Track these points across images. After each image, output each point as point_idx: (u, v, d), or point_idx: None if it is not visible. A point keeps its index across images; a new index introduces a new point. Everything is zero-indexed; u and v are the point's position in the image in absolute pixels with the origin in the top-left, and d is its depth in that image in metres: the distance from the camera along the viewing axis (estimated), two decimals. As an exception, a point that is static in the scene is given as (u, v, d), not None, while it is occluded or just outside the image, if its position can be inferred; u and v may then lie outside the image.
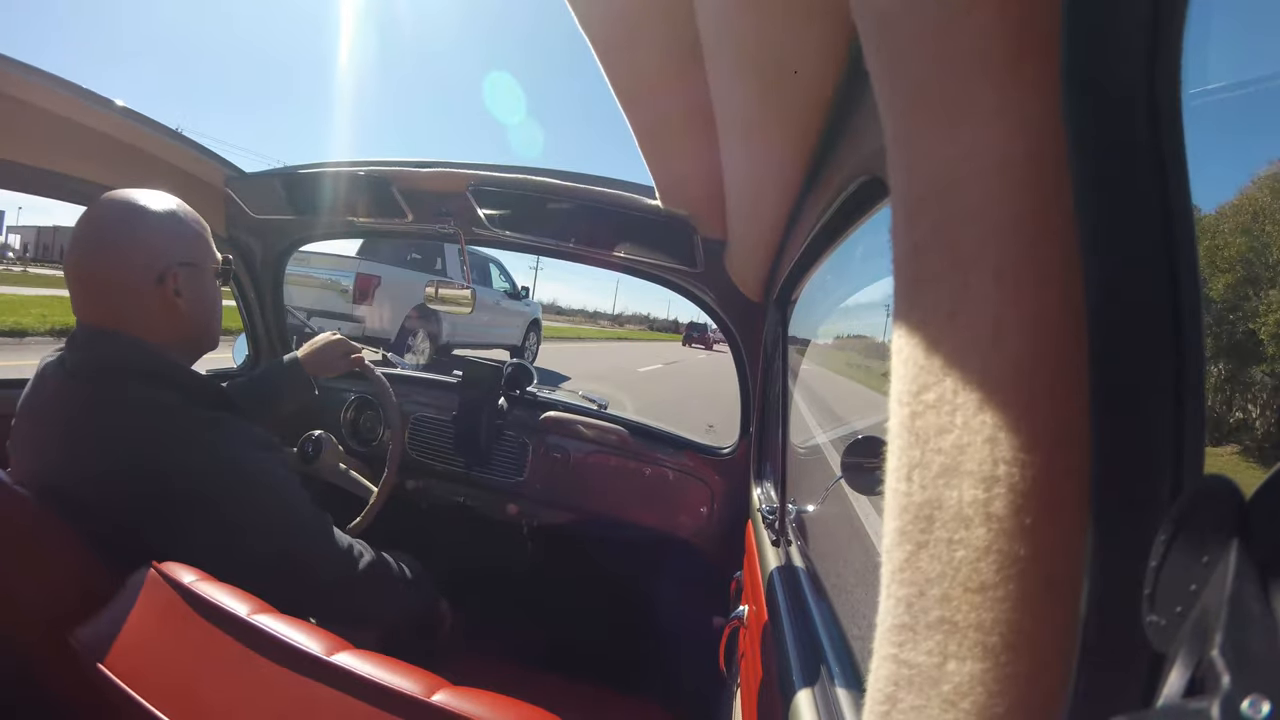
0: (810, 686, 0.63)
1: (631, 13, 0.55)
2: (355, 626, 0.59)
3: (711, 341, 29.15)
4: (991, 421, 0.23)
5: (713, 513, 1.50)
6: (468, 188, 1.27)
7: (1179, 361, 0.21)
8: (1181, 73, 0.21)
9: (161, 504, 0.70)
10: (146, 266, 0.77)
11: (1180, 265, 0.21)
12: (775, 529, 1.05)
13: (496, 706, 0.47)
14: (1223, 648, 0.14)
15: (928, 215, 0.27)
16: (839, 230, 0.68)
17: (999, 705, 0.22)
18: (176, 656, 0.56)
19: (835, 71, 0.49)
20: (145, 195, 0.79)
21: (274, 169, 1.44)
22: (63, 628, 0.60)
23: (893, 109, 0.30)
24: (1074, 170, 0.22)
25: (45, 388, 0.78)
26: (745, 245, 1.09)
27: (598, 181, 1.21)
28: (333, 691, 0.49)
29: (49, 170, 1.08)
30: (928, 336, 0.26)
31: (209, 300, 0.85)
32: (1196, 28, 0.21)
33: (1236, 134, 0.29)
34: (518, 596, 1.62)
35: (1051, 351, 0.22)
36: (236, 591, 0.59)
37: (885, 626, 0.27)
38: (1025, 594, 0.22)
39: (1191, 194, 0.21)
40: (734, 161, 0.77)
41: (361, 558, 0.87)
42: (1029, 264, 0.23)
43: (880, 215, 0.58)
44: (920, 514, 0.25)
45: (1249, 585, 0.15)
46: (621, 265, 1.46)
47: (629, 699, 1.23)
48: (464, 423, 1.55)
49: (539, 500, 1.57)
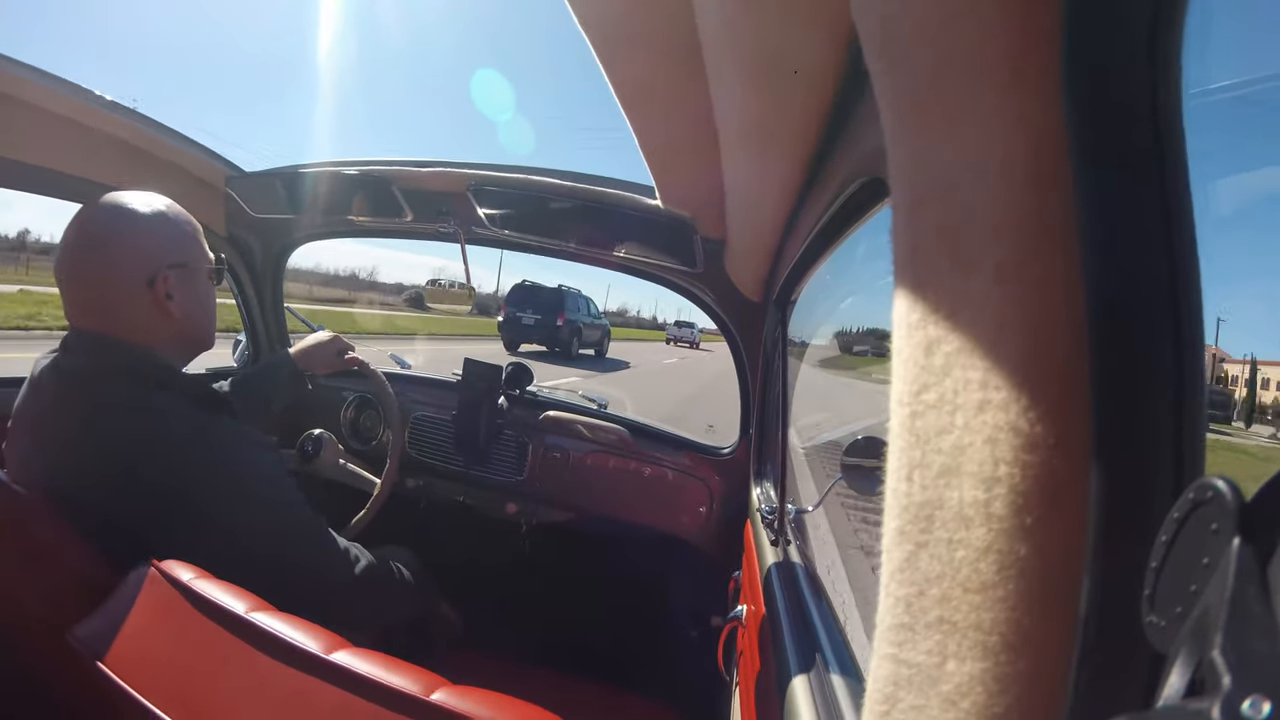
0: (809, 686, 0.63)
1: (631, 13, 0.55)
2: (354, 630, 0.59)
3: (696, 341, 28.94)
4: (992, 422, 0.23)
5: (712, 512, 1.50)
6: (468, 187, 1.27)
7: (1179, 361, 0.21)
8: (1182, 73, 0.21)
9: (156, 507, 0.70)
10: (136, 270, 0.76)
11: (1181, 265, 0.21)
12: (774, 529, 1.05)
13: (495, 705, 0.47)
14: (1223, 648, 0.14)
15: (928, 215, 0.27)
16: (839, 230, 0.68)
17: (999, 705, 0.22)
18: (176, 654, 0.56)
19: (835, 72, 0.49)
20: (135, 198, 0.79)
21: (274, 168, 1.43)
22: (62, 626, 0.60)
23: (893, 109, 0.30)
24: (1074, 170, 0.22)
25: (40, 391, 0.78)
26: (745, 245, 1.09)
27: (598, 181, 1.21)
28: (332, 689, 0.49)
29: (49, 169, 1.08)
30: (928, 337, 0.26)
31: (202, 302, 0.84)
32: (1197, 28, 0.21)
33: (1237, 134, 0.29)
34: (516, 595, 1.62)
35: (1051, 351, 0.22)
36: (235, 589, 0.59)
37: (885, 626, 0.27)
38: (1025, 594, 0.22)
39: (1192, 194, 0.21)
40: (734, 161, 0.77)
41: (358, 561, 0.87)
42: (1029, 264, 0.23)
43: (880, 216, 0.58)
44: (920, 514, 0.25)
45: (1249, 586, 0.15)
46: (621, 265, 1.46)
47: (628, 697, 1.23)
48: (464, 422, 1.55)
49: (538, 499, 1.57)
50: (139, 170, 1.20)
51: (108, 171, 1.15)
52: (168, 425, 0.73)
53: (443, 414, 1.61)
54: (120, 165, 1.18)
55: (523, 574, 1.63)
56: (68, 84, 1.01)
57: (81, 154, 1.11)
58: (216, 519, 0.73)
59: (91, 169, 1.13)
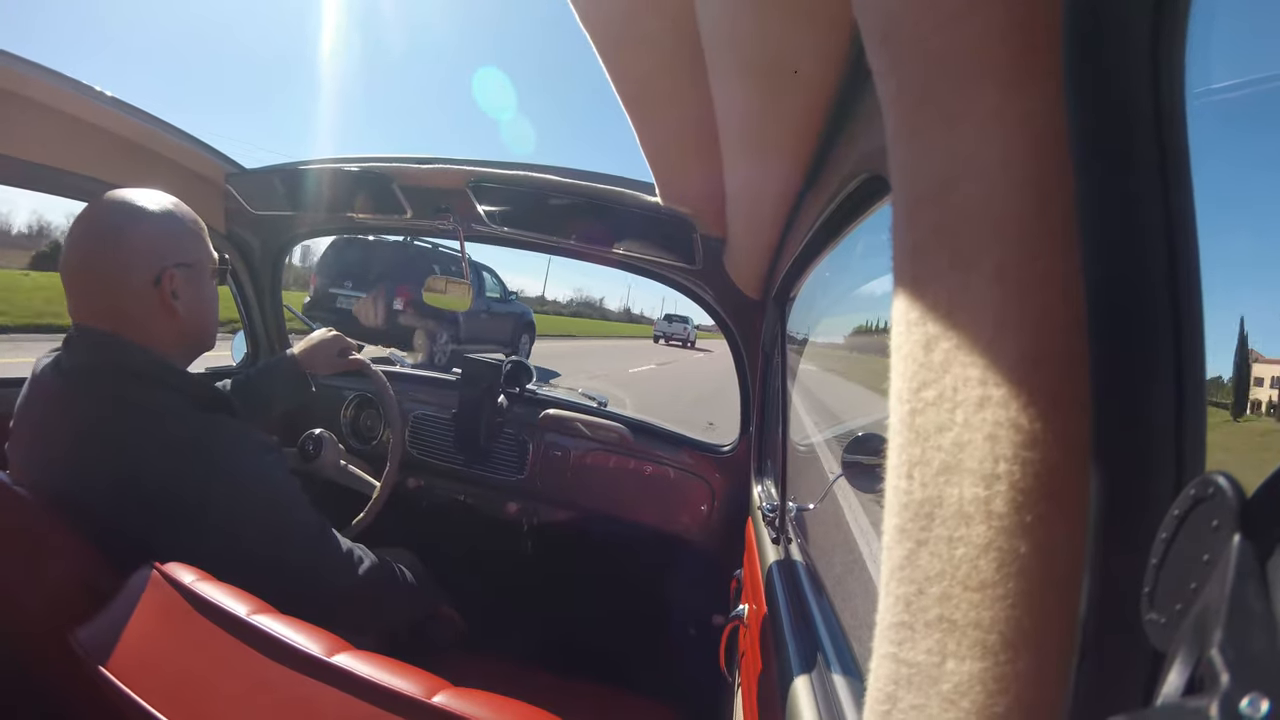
0: (811, 685, 0.64)
1: (633, 12, 0.55)
2: (357, 633, 0.59)
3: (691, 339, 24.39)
4: (992, 419, 0.23)
5: (713, 511, 1.50)
6: (468, 184, 1.27)
7: (1179, 359, 0.21)
8: (1184, 72, 0.21)
9: (158, 507, 0.70)
10: (142, 268, 0.76)
11: (1181, 264, 0.21)
12: (775, 526, 1.05)
13: (497, 708, 0.47)
14: (1222, 646, 0.14)
15: (928, 214, 0.27)
16: (839, 228, 0.68)
17: (998, 704, 0.22)
18: (177, 657, 0.56)
19: (836, 70, 0.49)
20: (141, 195, 0.79)
21: (274, 165, 1.43)
22: (63, 629, 0.59)
23: (894, 108, 0.30)
24: (1075, 169, 0.22)
25: (42, 390, 0.77)
26: (745, 243, 1.09)
27: (598, 178, 1.21)
28: (334, 692, 0.49)
29: (49, 166, 1.08)
30: (928, 334, 0.26)
31: (205, 302, 0.84)
32: (1199, 27, 0.21)
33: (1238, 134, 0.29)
34: (517, 594, 1.62)
35: (1051, 349, 0.22)
36: (237, 591, 0.58)
37: (885, 625, 0.27)
38: (1025, 592, 0.22)
39: (1193, 194, 0.21)
40: (734, 159, 0.76)
41: (361, 563, 0.87)
42: (1029, 263, 0.23)
43: (880, 213, 0.58)
44: (920, 511, 0.25)
45: (1249, 583, 0.15)
46: (621, 262, 1.46)
47: (629, 698, 1.23)
48: (464, 420, 1.55)
49: (539, 498, 1.57)
50: (138, 167, 1.20)
51: (107, 168, 1.14)
52: (169, 425, 0.73)
53: (443, 413, 1.61)
54: (119, 162, 1.17)
55: (524, 573, 1.63)
56: (67, 79, 1.00)
57: (80, 150, 1.11)
58: (218, 520, 0.72)
59: (91, 165, 1.13)
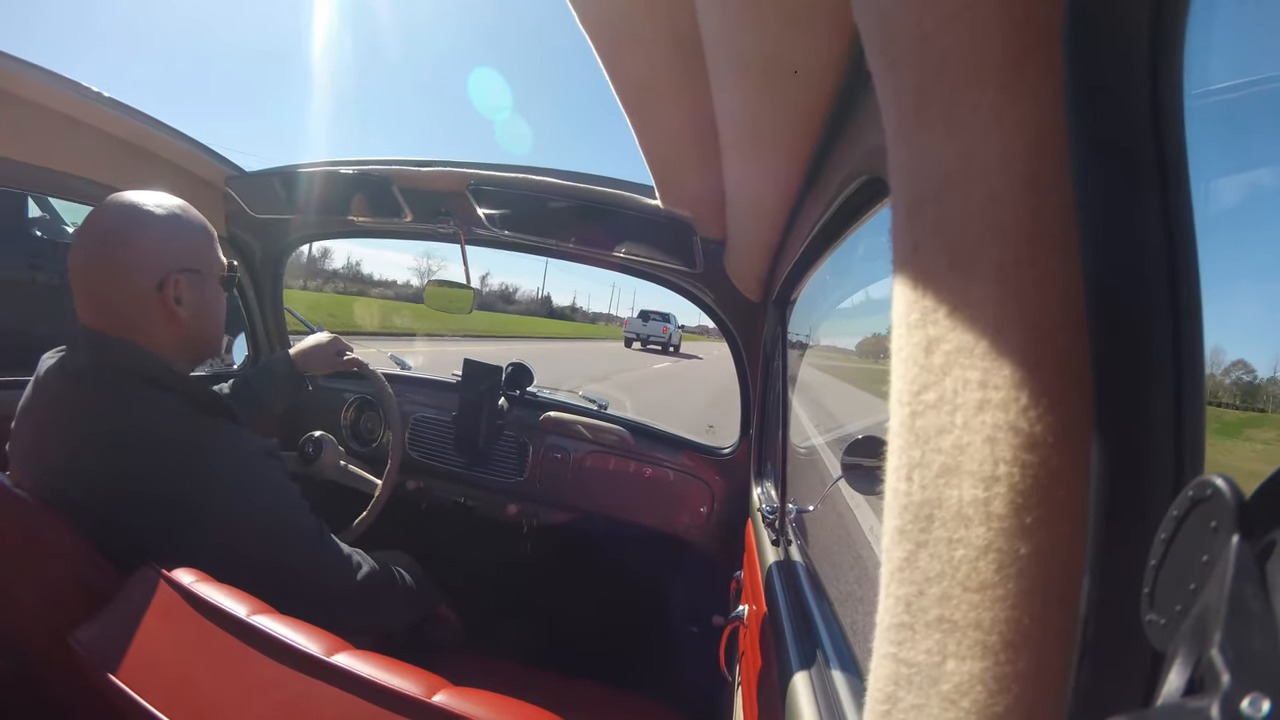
0: (811, 686, 0.63)
1: (632, 13, 0.55)
2: (356, 636, 0.59)
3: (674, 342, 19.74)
4: (991, 421, 0.23)
5: (713, 512, 1.50)
6: (467, 187, 1.27)
7: (1179, 360, 0.21)
8: (1184, 72, 0.21)
9: (157, 510, 0.70)
10: (146, 272, 0.76)
11: (1180, 264, 0.21)
12: (775, 528, 1.05)
13: (496, 707, 0.47)
14: (1222, 646, 0.14)
15: (928, 215, 0.27)
16: (839, 230, 0.68)
17: (998, 704, 0.22)
18: (177, 657, 0.56)
19: (835, 71, 0.49)
20: (149, 198, 0.78)
21: (274, 168, 1.43)
22: (63, 629, 0.60)
23: (894, 109, 0.30)
24: (1075, 170, 0.22)
25: (45, 391, 0.77)
26: (745, 245, 1.09)
27: (598, 181, 1.21)
28: (334, 691, 0.49)
29: (49, 169, 1.08)
30: (928, 337, 0.26)
31: (211, 308, 0.84)
32: (1198, 28, 0.21)
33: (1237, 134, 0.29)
34: (518, 596, 1.62)
35: (1051, 351, 0.23)
36: (236, 592, 0.59)
37: (885, 625, 0.27)
38: (1025, 593, 0.22)
39: (1192, 194, 0.21)
40: (734, 161, 0.77)
41: (360, 568, 0.87)
42: (1028, 263, 0.23)
43: (880, 215, 0.58)
44: (920, 513, 0.25)
45: (1249, 584, 0.15)
46: (621, 265, 1.46)
47: (630, 698, 1.23)
48: (464, 423, 1.55)
49: (539, 500, 1.57)
50: (138, 169, 1.20)
51: (107, 171, 1.14)
52: (170, 428, 0.73)
53: (443, 415, 1.61)
54: (120, 164, 1.17)
55: (524, 575, 1.63)
56: (67, 81, 1.00)
57: (81, 153, 1.11)
58: (217, 524, 0.72)
59: (91, 168, 1.13)
